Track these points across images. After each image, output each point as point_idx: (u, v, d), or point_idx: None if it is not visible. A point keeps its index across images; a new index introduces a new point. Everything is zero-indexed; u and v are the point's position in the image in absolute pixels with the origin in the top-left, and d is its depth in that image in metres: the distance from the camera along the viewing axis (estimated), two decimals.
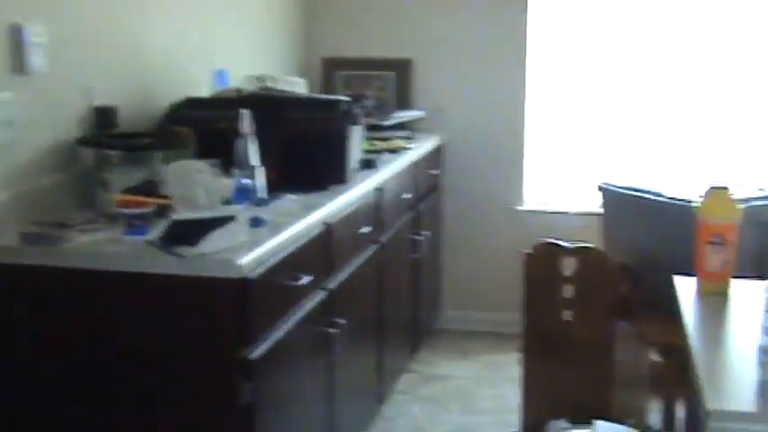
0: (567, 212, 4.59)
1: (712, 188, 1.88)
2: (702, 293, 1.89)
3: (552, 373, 3.50)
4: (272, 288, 2.39)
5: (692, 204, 3.09)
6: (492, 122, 4.63)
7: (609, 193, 3.57)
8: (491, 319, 4.74)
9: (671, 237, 3.22)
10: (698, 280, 1.93)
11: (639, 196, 3.34)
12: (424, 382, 4.13)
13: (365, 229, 3.22)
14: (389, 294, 3.66)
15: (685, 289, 1.97)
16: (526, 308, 3.53)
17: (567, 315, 3.44)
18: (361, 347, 3.40)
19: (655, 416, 3.72)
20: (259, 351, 2.30)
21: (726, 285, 1.92)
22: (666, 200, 3.22)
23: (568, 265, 3.44)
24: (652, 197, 3.28)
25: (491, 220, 4.70)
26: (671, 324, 3.22)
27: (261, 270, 2.29)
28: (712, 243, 1.88)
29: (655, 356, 4.06)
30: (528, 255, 3.51)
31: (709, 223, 1.89)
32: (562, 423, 3.44)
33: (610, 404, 3.37)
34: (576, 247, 3.40)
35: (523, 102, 4.58)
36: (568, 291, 3.43)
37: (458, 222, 4.75)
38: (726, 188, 1.89)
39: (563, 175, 4.69)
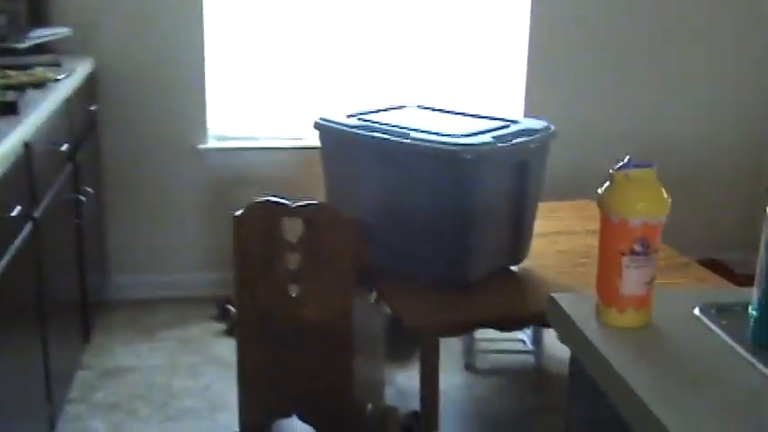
0: (264, 148, 3.83)
1: (628, 167, 1.22)
2: (612, 326, 1.26)
3: (278, 362, 2.81)
4: None
5: (446, 145, 2.52)
6: (160, 40, 3.70)
7: (330, 132, 2.86)
8: (176, 281, 3.91)
9: (419, 187, 2.62)
10: (603, 306, 1.27)
11: (373, 136, 2.68)
12: (102, 381, 3.23)
13: (15, 211, 2.22)
14: (51, 282, 2.70)
15: (576, 313, 1.31)
16: (240, 284, 2.77)
17: (293, 290, 2.75)
18: (21, 366, 2.43)
19: (391, 390, 3.20)
20: None
21: (649, 314, 1.30)
22: (410, 140, 2.59)
23: (293, 229, 2.73)
24: (390, 136, 2.63)
25: (167, 162, 3.82)
26: (422, 297, 2.65)
27: None
28: (634, 253, 1.26)
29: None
30: (239, 217, 2.73)
31: (629, 223, 1.26)
32: None
33: (348, 391, 2.77)
34: (302, 205, 2.69)
35: (200, 13, 3.68)
36: (294, 260, 2.73)
37: (125, 168, 3.80)
38: (651, 167, 1.25)
39: (255, 105, 3.90)
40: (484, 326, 2.58)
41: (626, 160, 1.30)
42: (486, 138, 2.56)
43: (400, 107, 3.04)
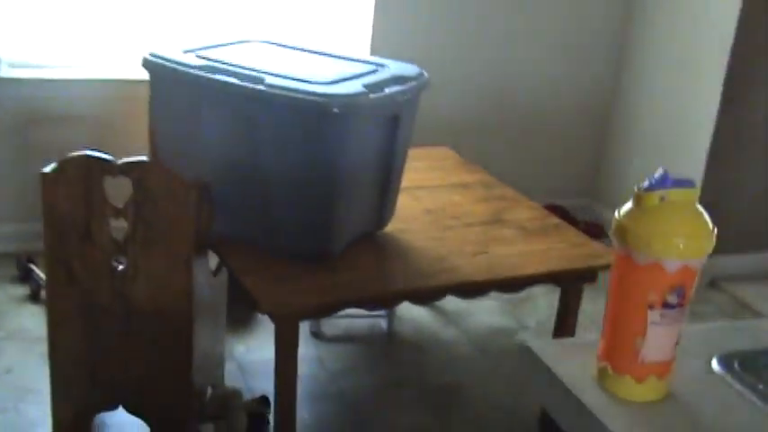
0: (74, 80, 3.23)
1: (664, 186, 0.85)
2: (626, 398, 0.93)
3: (99, 346, 2.35)
4: None
5: (310, 95, 2.10)
6: None
7: (164, 72, 2.36)
8: None
9: (275, 143, 2.20)
10: (614, 372, 0.92)
11: (219, 79, 2.21)
12: None
13: None
14: None
15: (567, 375, 0.96)
16: (51, 256, 2.27)
17: (119, 263, 2.28)
18: None
19: (230, 365, 2.82)
20: None
21: (670, 382, 0.97)
22: (265, 86, 2.15)
23: (118, 191, 2.25)
24: (240, 81, 2.18)
25: None
26: (279, 275, 2.20)
27: None
28: (667, 306, 0.91)
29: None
30: (48, 175, 2.21)
31: (664, 267, 0.89)
32: None
33: (186, 377, 2.36)
34: (130, 163, 2.21)
35: None
36: (120, 228, 2.25)
37: None
38: (692, 185, 0.88)
39: (63, 28, 3.27)
40: (350, 306, 2.23)
41: (659, 174, 0.92)
42: (356, 86, 2.17)
43: (244, 42, 2.58)
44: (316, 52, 2.52)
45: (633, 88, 3.98)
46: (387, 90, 2.22)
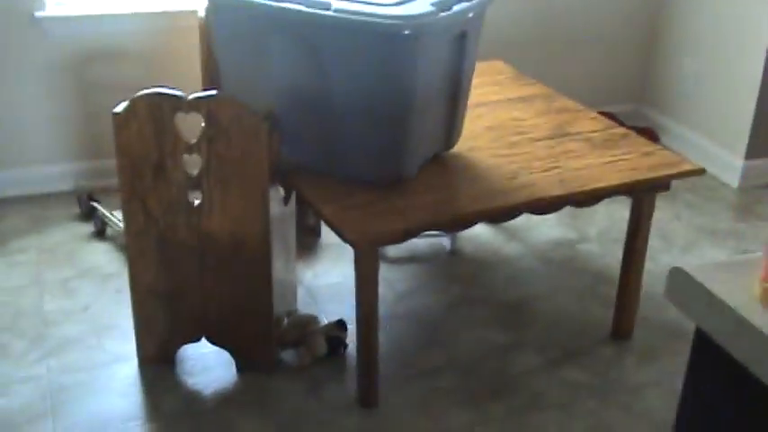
0: (121, 14, 3.20)
1: None
2: None
3: (179, 280, 2.38)
4: None
5: (380, 18, 2.06)
6: None
7: (226, 3, 2.31)
8: (26, 176, 3.32)
9: (343, 70, 2.17)
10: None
11: (285, 7, 2.15)
12: None
13: None
14: None
15: (727, 295, 0.94)
16: (127, 194, 2.28)
17: (194, 198, 2.29)
18: None
19: (300, 291, 2.84)
20: None
21: None
22: (333, 12, 2.10)
23: (190, 126, 2.24)
24: (307, 7, 2.13)
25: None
26: (355, 201, 2.19)
27: None
28: None
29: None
30: (120, 115, 2.20)
31: None
32: None
33: (266, 306, 2.39)
34: (200, 98, 2.19)
35: None
36: (194, 163, 2.25)
37: None
38: None
39: None
40: (429, 229, 2.24)
41: None
42: (425, 5, 2.12)
43: None
44: None
45: None
46: (455, 8, 2.17)
